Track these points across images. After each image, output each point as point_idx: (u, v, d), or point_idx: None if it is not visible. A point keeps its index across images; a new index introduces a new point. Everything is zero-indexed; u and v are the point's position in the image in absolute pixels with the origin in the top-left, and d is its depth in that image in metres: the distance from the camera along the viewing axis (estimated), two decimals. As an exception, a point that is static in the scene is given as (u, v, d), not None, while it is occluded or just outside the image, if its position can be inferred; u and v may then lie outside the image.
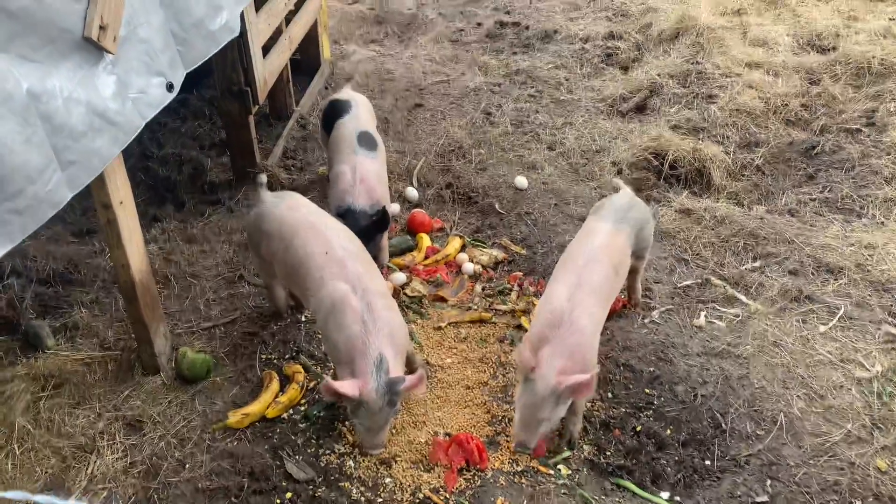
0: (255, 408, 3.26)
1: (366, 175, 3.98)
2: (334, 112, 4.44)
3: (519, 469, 3.04)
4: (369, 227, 3.87)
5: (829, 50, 6.56)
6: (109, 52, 2.57)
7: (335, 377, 3.15)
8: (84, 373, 3.44)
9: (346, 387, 2.74)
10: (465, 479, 2.99)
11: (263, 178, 3.68)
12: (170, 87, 2.95)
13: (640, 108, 5.95)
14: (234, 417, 3.22)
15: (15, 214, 2.17)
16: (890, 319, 3.77)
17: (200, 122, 5.61)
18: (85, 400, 3.33)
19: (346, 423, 3.21)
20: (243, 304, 3.90)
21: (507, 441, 3.16)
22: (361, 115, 4.44)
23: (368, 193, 3.94)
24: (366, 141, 4.18)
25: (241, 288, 4.01)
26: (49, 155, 2.30)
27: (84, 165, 2.46)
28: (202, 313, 3.86)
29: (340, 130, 4.26)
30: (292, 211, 3.35)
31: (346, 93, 4.69)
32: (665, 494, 2.94)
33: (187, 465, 3.05)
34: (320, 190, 4.86)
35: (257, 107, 4.67)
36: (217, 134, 5.44)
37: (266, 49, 4.80)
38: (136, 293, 3.22)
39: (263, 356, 3.59)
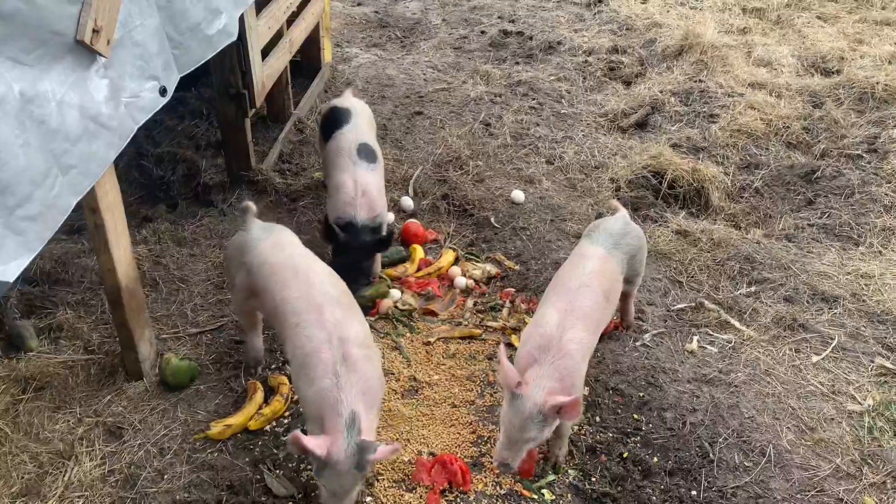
0: (237, 419, 3.21)
1: (367, 188, 3.91)
2: (334, 121, 4.34)
3: (502, 492, 3.00)
4: (370, 243, 3.81)
5: (833, 73, 6.54)
6: (103, 56, 2.53)
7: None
8: (66, 376, 3.40)
9: (314, 444, 2.46)
10: (447, 500, 2.94)
11: (252, 206, 3.41)
12: (163, 91, 2.90)
13: (641, 125, 5.92)
14: (215, 428, 3.17)
15: (29, 221, 2.19)
16: (883, 352, 3.74)
17: (198, 122, 5.56)
18: (66, 404, 3.28)
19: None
20: (231, 312, 3.85)
21: (491, 463, 3.11)
22: (362, 125, 4.33)
23: (370, 207, 3.87)
24: (366, 153, 4.09)
25: (230, 294, 3.96)
26: (49, 159, 2.29)
27: (84, 170, 2.44)
28: (189, 319, 3.81)
29: (339, 141, 4.14)
30: (277, 250, 3.12)
31: (347, 100, 4.56)
32: (649, 524, 2.90)
33: (166, 476, 3.00)
34: (315, 196, 4.82)
35: (254, 110, 4.63)
36: (214, 134, 5.40)
37: (266, 51, 4.76)
38: (122, 298, 3.18)
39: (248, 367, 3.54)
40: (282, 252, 3.12)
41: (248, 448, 3.14)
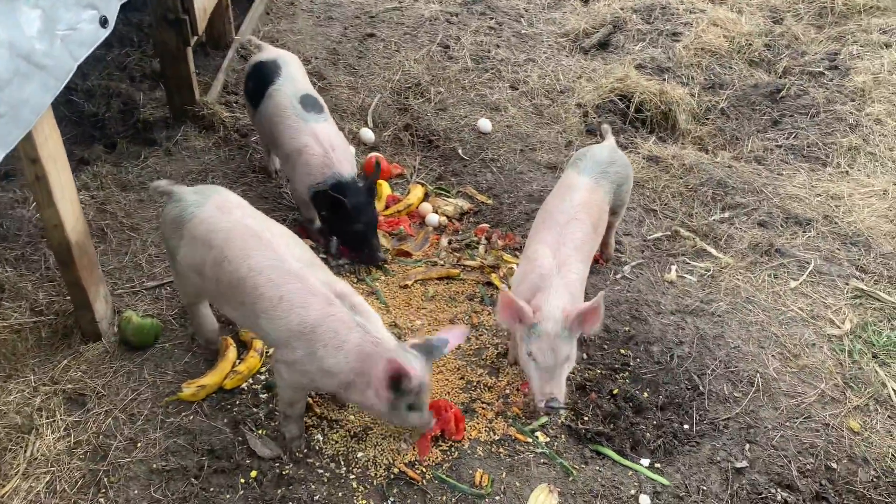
0: (211, 378, 3.00)
1: (334, 142, 3.53)
2: (262, 77, 3.72)
3: (496, 438, 2.92)
4: (369, 199, 3.49)
5: (791, -14, 6.41)
6: (30, -19, 2.16)
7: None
8: (14, 341, 3.11)
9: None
10: (441, 450, 2.85)
11: (161, 182, 2.95)
12: (104, 21, 2.55)
13: (604, 45, 5.71)
14: (188, 390, 2.96)
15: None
16: (857, 274, 3.77)
17: (129, 51, 5.07)
18: (17, 372, 3.01)
19: (313, 392, 3.00)
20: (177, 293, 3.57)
21: (483, 408, 3.02)
22: (296, 74, 3.77)
23: (349, 160, 3.54)
24: (311, 104, 3.64)
25: (173, 279, 3.66)
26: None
27: (13, 118, 2.10)
28: (145, 271, 3.52)
29: (277, 98, 3.61)
30: (224, 214, 2.69)
31: (270, 51, 3.93)
32: (645, 461, 2.88)
33: (139, 444, 2.80)
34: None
35: (196, 37, 4.21)
36: (149, 64, 4.94)
37: (204, -29, 4.30)
38: (73, 255, 2.88)
39: (217, 321, 3.30)
40: (230, 215, 2.69)
41: (226, 408, 2.95)
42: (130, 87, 4.68)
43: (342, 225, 3.50)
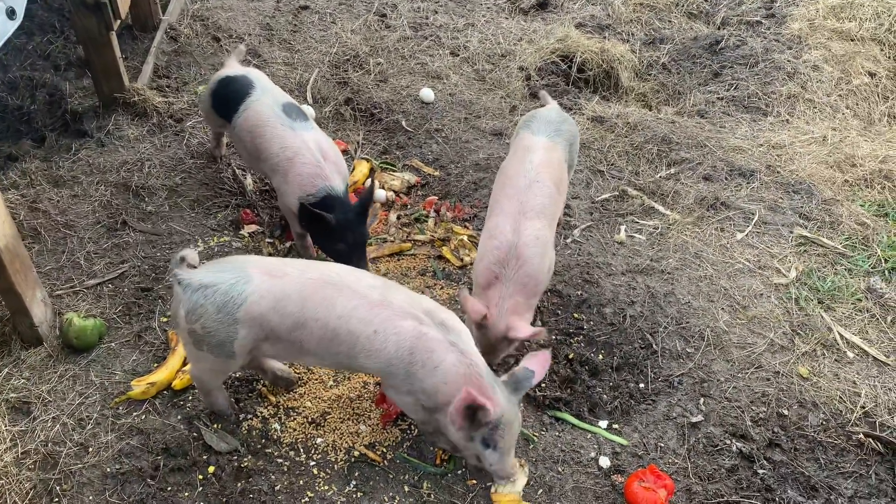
0: (161, 375, 2.93)
1: (326, 150, 3.33)
2: (233, 93, 3.49)
3: (455, 412, 2.92)
4: (363, 213, 3.26)
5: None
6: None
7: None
8: (-52, 352, 2.98)
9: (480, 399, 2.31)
10: (401, 430, 2.84)
11: (190, 253, 2.55)
12: (10, 13, 2.40)
13: (542, 5, 5.64)
14: (138, 388, 2.88)
15: None
16: (801, 221, 3.84)
17: (51, 38, 4.83)
18: (-45, 384, 2.89)
19: (267, 382, 2.96)
20: (131, 255, 3.47)
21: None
22: (269, 86, 3.57)
23: (339, 171, 3.33)
24: (295, 112, 3.41)
25: (126, 236, 3.56)
26: None
27: None
28: (84, 269, 3.40)
29: (257, 110, 3.39)
30: (280, 278, 2.46)
31: (234, 67, 3.69)
32: (603, 423, 2.92)
33: (91, 449, 2.72)
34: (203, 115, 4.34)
35: (119, 21, 4.02)
36: (73, 52, 4.72)
37: (121, -51, 4.10)
38: (2, 260, 2.75)
39: (163, 315, 3.22)
40: (287, 277, 2.47)
41: (179, 405, 2.89)
42: (56, 77, 4.47)
43: (326, 242, 3.29)
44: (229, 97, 3.50)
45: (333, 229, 3.17)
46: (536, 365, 2.51)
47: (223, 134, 3.91)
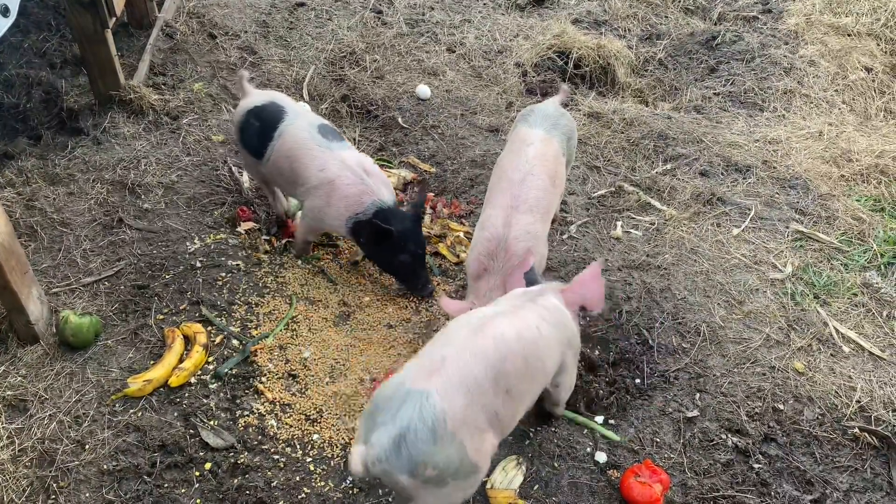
0: (157, 372, 2.93)
1: (368, 167, 3.29)
2: (265, 122, 3.40)
3: (452, 408, 2.92)
4: (416, 225, 3.25)
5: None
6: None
7: None
8: (-55, 351, 2.98)
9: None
10: (397, 426, 2.84)
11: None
12: (5, 10, 2.40)
13: (539, 1, 5.63)
14: (134, 385, 2.88)
15: None
16: (797, 216, 3.84)
17: (46, 35, 4.82)
18: (-49, 383, 2.89)
19: (263, 379, 2.96)
20: (127, 253, 3.46)
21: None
22: (299, 109, 3.50)
23: (385, 183, 3.30)
24: (331, 133, 3.36)
25: (122, 234, 3.55)
26: None
27: None
28: (80, 267, 3.40)
29: (292, 135, 3.32)
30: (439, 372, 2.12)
31: (257, 95, 3.56)
32: (599, 418, 2.92)
33: (87, 446, 2.73)
34: (199, 112, 4.34)
35: (115, 19, 4.02)
36: (69, 49, 4.71)
37: (116, -54, 4.09)
38: (-2, 259, 2.75)
39: (159, 312, 3.22)
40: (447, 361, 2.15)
41: (175, 402, 2.89)
42: (51, 75, 4.47)
43: (387, 255, 3.24)
44: (262, 127, 3.40)
45: (395, 242, 3.14)
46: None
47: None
